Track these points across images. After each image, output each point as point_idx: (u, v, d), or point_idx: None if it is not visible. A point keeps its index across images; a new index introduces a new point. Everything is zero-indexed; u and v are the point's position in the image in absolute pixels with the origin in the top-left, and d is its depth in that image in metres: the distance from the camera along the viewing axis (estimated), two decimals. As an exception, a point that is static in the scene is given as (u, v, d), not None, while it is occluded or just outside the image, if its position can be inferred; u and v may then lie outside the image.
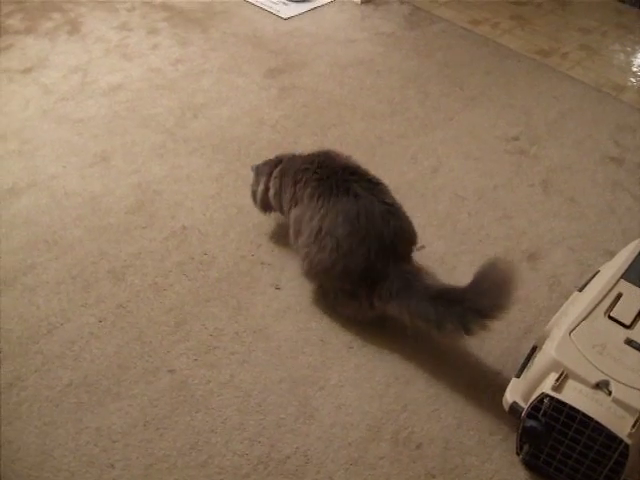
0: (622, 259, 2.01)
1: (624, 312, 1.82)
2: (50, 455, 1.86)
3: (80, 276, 2.34)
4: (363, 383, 2.03)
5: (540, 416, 1.71)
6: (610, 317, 1.81)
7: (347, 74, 3.33)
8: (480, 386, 2.03)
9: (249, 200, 2.48)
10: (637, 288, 1.88)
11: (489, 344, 2.13)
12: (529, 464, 1.83)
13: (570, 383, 1.70)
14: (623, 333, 1.77)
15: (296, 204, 2.22)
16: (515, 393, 1.83)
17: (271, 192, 2.36)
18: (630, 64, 3.54)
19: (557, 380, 1.69)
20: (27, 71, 3.37)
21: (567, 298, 2.08)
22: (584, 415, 1.63)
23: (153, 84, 3.28)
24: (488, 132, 2.99)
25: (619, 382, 1.66)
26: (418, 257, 2.39)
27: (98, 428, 1.92)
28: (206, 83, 3.29)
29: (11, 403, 1.98)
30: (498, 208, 2.61)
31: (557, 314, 2.01)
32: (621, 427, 1.61)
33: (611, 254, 2.30)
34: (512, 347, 2.13)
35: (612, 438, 1.62)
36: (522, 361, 1.93)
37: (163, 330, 2.17)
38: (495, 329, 2.14)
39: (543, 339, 1.91)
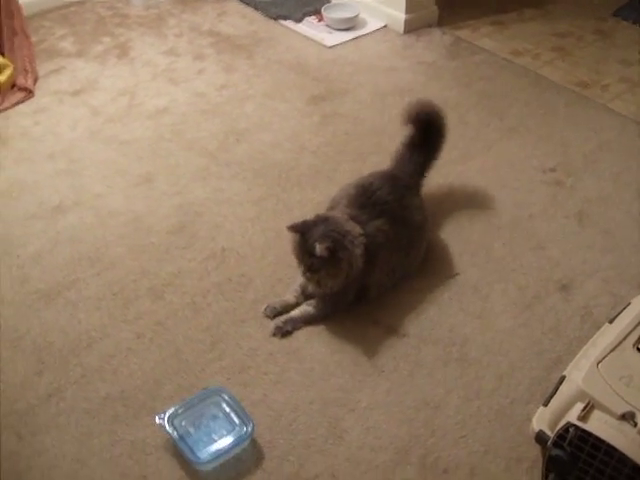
0: (654, 292, 2.03)
1: (653, 345, 1.83)
2: (85, 464, 1.93)
3: (121, 293, 2.41)
4: (393, 407, 2.07)
5: (566, 445, 1.72)
6: (639, 349, 1.83)
7: (388, 102, 3.37)
8: (508, 414, 2.05)
9: (287, 224, 2.54)
10: (667, 321, 1.89)
11: (519, 373, 2.15)
12: (554, 493, 1.84)
13: (596, 413, 1.71)
14: (651, 366, 1.79)
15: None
16: (542, 422, 1.84)
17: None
18: (671, 97, 3.55)
19: (583, 410, 1.70)
20: (77, 93, 3.47)
21: (599, 329, 2.09)
22: (609, 446, 1.64)
23: (198, 108, 3.36)
24: (525, 162, 3.01)
25: (645, 414, 1.67)
26: (451, 284, 2.43)
27: (132, 441, 1.98)
28: (249, 108, 3.37)
29: (50, 413, 2.05)
30: (533, 238, 2.63)
31: (587, 345, 2.03)
32: (646, 459, 1.63)
33: (644, 287, 2.31)
34: (542, 377, 2.14)
35: (637, 470, 1.62)
36: (550, 391, 1.94)
37: (199, 348, 2.22)
38: (526, 359, 2.18)
39: (572, 369, 1.92)
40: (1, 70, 3.42)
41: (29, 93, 3.44)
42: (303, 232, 2.22)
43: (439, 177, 2.87)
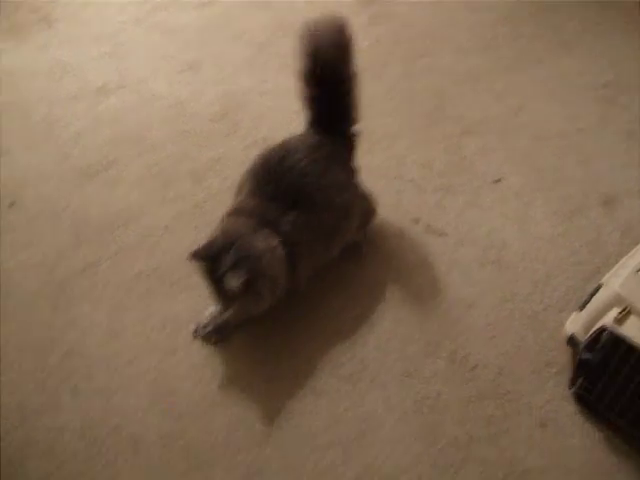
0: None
1: (694, 257, 1.81)
2: (117, 336, 1.96)
3: (160, 174, 2.41)
4: (427, 301, 2.07)
5: (598, 349, 1.71)
6: (680, 261, 1.80)
7: (441, 7, 3.28)
8: (541, 319, 2.03)
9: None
10: None
11: (555, 281, 2.13)
12: (581, 398, 1.83)
13: (632, 319, 1.69)
14: (691, 277, 1.76)
15: None
16: (575, 325, 1.83)
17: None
18: None
19: (619, 314, 1.69)
20: (126, -21, 3.43)
21: (639, 244, 2.06)
22: (642, 353, 1.64)
23: (247, 0, 3.31)
24: (577, 78, 2.93)
25: (682, 323, 1.65)
26: (493, 189, 2.40)
27: (165, 316, 2.00)
28: (299, 4, 3.30)
29: (84, 286, 2.09)
30: (579, 152, 2.57)
31: (625, 257, 2.00)
32: (678, 369, 1.61)
33: (689, 206, 2.27)
34: (577, 286, 2.12)
35: (667, 380, 1.62)
36: (586, 297, 1.92)
37: (236, 233, 2.23)
38: (563, 268, 2.16)
39: (610, 278, 1.90)
40: (50, -50, 3.38)
41: (78, -25, 3.40)
42: (210, 260, 1.83)
43: (487, 85, 2.82)
